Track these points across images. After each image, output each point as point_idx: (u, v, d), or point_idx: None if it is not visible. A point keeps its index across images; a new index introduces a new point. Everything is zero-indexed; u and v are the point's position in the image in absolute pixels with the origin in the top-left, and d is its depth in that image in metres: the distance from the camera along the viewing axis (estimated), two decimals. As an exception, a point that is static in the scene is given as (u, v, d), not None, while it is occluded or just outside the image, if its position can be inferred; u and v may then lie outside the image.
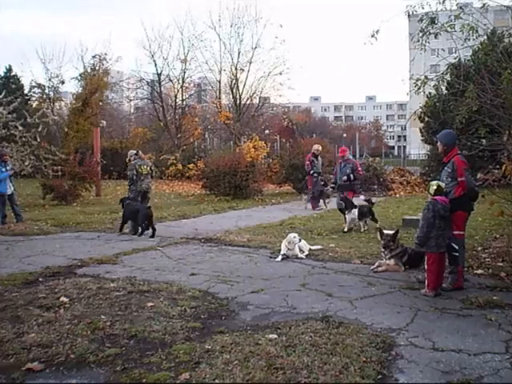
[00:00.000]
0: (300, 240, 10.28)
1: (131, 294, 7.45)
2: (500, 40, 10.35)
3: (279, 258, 9.98)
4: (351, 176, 14.52)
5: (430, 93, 11.57)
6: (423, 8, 9.46)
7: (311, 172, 19.24)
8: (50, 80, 43.23)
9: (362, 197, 14.97)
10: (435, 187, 7.54)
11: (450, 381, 4.64)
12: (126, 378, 4.74)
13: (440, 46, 10.74)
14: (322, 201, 19.05)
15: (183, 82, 43.62)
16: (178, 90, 43.84)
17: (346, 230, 13.30)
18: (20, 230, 14.16)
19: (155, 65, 43.09)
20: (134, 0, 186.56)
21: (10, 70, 48.26)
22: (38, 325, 6.09)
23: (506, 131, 9.77)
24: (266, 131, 44.60)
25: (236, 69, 42.68)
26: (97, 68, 40.85)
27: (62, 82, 43.60)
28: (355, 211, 13.45)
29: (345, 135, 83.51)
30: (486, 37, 9.86)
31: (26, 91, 44.99)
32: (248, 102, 43.96)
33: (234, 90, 43.14)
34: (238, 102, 43.11)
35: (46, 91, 43.78)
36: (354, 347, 5.28)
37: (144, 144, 42.57)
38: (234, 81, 43.01)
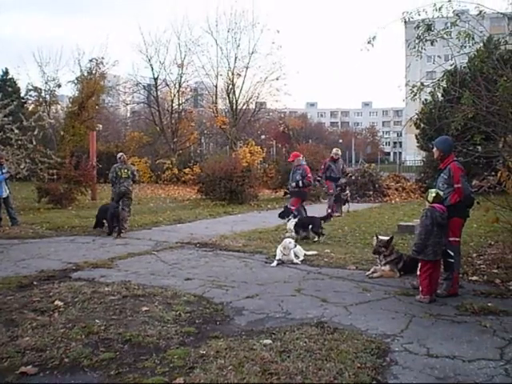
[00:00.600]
0: (295, 245, 10.29)
1: (126, 298, 7.43)
2: (496, 47, 10.38)
3: (274, 263, 9.97)
4: (300, 183, 14.24)
5: (426, 99, 11.62)
6: (419, 15, 9.50)
7: (317, 178, 18.72)
8: (46, 83, 43.16)
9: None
10: (434, 195, 7.57)
11: (444, 387, 4.65)
12: (120, 382, 4.73)
13: (436, 53, 10.80)
14: (339, 206, 18.23)
15: (180, 86, 43.58)
16: (174, 95, 43.78)
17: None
18: (15, 233, 14.14)
19: (152, 69, 43.06)
20: (131, 4, 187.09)
21: (6, 72, 48.10)
22: (33, 328, 6.07)
23: (501, 138, 9.79)
24: (262, 136, 44.72)
25: (233, 74, 42.76)
26: (93, 72, 40.86)
27: (59, 86, 43.50)
28: (293, 221, 13.05)
29: (341, 141, 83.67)
30: (482, 44, 9.88)
31: (22, 94, 44.80)
32: (244, 107, 44.00)
33: (231, 95, 43.19)
34: (234, 106, 43.14)
35: (43, 94, 43.66)
36: (349, 353, 5.28)
37: (140, 148, 42.59)
38: (231, 86, 43.07)
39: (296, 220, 13.08)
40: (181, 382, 4.68)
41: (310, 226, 12.87)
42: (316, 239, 12.68)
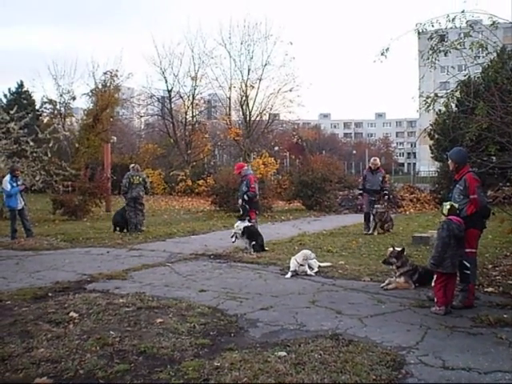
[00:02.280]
0: (314, 257, 10.32)
1: (140, 309, 7.44)
2: (510, 57, 10.36)
3: (289, 274, 9.95)
4: (245, 196, 13.92)
5: (439, 110, 11.61)
6: (433, 26, 9.49)
7: (360, 189, 17.50)
8: (61, 96, 43.53)
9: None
10: (448, 207, 7.56)
11: (460, 400, 4.61)
12: (134, 394, 4.74)
13: (450, 64, 10.76)
14: (374, 223, 16.27)
15: (193, 98, 43.78)
16: (188, 107, 43.98)
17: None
18: (30, 244, 14.22)
19: (166, 81, 43.30)
20: (145, 17, 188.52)
21: (21, 85, 48.62)
22: (48, 340, 6.09)
23: (516, 148, 9.74)
24: (276, 148, 44.66)
25: (246, 86, 42.93)
26: (108, 84, 41.10)
27: (74, 98, 43.86)
28: (245, 224, 12.93)
29: (354, 152, 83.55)
30: (495, 54, 9.87)
31: (37, 107, 45.21)
32: (258, 119, 44.10)
33: (244, 107, 43.34)
34: (247, 118, 43.28)
35: (58, 107, 44.04)
36: (364, 365, 5.25)
37: (154, 160, 42.81)
38: (244, 97, 43.22)
39: (249, 225, 12.97)
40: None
41: (254, 242, 12.81)
42: (253, 252, 12.55)
